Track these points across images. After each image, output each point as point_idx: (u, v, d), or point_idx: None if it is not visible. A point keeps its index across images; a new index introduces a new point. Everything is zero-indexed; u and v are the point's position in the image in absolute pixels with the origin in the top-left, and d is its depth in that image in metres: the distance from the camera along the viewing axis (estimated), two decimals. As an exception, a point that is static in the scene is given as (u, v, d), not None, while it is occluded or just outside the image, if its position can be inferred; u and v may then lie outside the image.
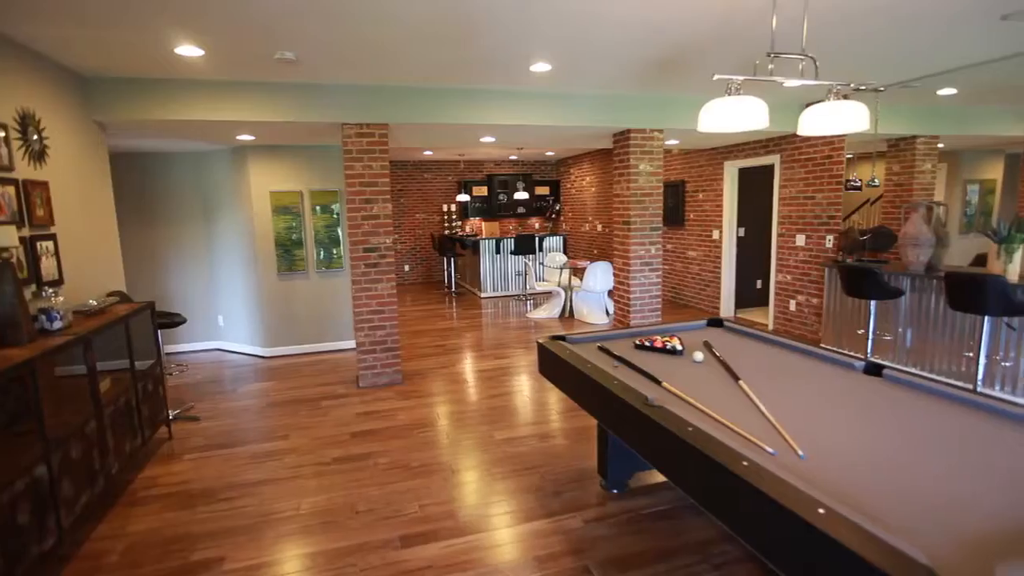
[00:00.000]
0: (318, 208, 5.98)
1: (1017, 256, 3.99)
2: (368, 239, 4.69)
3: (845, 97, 2.42)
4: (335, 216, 6.04)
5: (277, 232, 5.88)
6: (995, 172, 8.19)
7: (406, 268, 11.15)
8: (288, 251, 5.94)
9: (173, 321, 4.41)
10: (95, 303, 3.27)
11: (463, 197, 10.38)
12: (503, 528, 2.71)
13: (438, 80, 4.41)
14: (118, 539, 2.72)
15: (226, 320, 6.36)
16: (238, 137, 5.15)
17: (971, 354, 4.32)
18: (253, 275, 5.97)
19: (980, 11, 3.08)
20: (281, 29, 3.10)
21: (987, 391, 4.18)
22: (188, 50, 3.37)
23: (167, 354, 6.09)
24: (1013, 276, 4.00)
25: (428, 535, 2.66)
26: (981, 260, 4.68)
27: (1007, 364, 4.12)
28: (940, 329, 4.58)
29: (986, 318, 3.97)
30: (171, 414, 4.17)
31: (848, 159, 5.98)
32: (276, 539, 2.68)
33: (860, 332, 5.10)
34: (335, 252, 6.09)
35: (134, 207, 5.91)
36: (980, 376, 4.11)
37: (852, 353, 3.97)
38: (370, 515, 2.86)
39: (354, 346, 5.33)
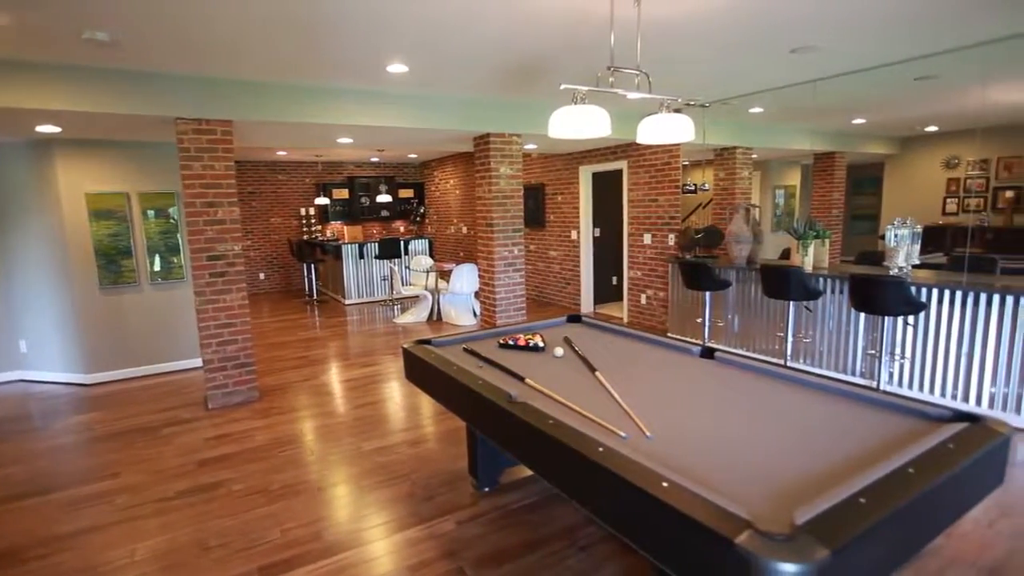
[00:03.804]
0: (151, 212, 5.30)
1: (811, 250, 4.78)
2: (213, 246, 4.26)
3: (677, 111, 2.71)
4: (173, 221, 5.39)
5: (97, 240, 5.11)
6: (795, 179, 9.73)
7: (261, 276, 10.32)
8: (113, 261, 5.18)
9: (-46, 350, 3.63)
10: None
11: (322, 200, 9.87)
12: (375, 541, 2.62)
13: (289, 76, 4.14)
14: None
15: (31, 345, 5.37)
16: (38, 128, 4.37)
17: (781, 334, 5.07)
18: (67, 291, 5.12)
19: (775, 46, 3.67)
20: (83, 4, 2.69)
21: (794, 364, 4.94)
22: (-38, 22, 2.79)
23: (-52, 391, 4.99)
24: (808, 267, 4.78)
25: (292, 561, 2.49)
26: (787, 254, 5.52)
27: (807, 341, 4.90)
28: (759, 314, 5.32)
29: (790, 302, 4.69)
30: (-45, 463, 3.43)
31: (684, 166, 6.70)
32: (105, 593, 2.33)
33: (699, 320, 5.73)
34: (174, 261, 5.44)
35: None
36: (788, 352, 4.85)
37: (692, 340, 4.43)
38: (223, 549, 2.60)
39: (201, 364, 4.80)
